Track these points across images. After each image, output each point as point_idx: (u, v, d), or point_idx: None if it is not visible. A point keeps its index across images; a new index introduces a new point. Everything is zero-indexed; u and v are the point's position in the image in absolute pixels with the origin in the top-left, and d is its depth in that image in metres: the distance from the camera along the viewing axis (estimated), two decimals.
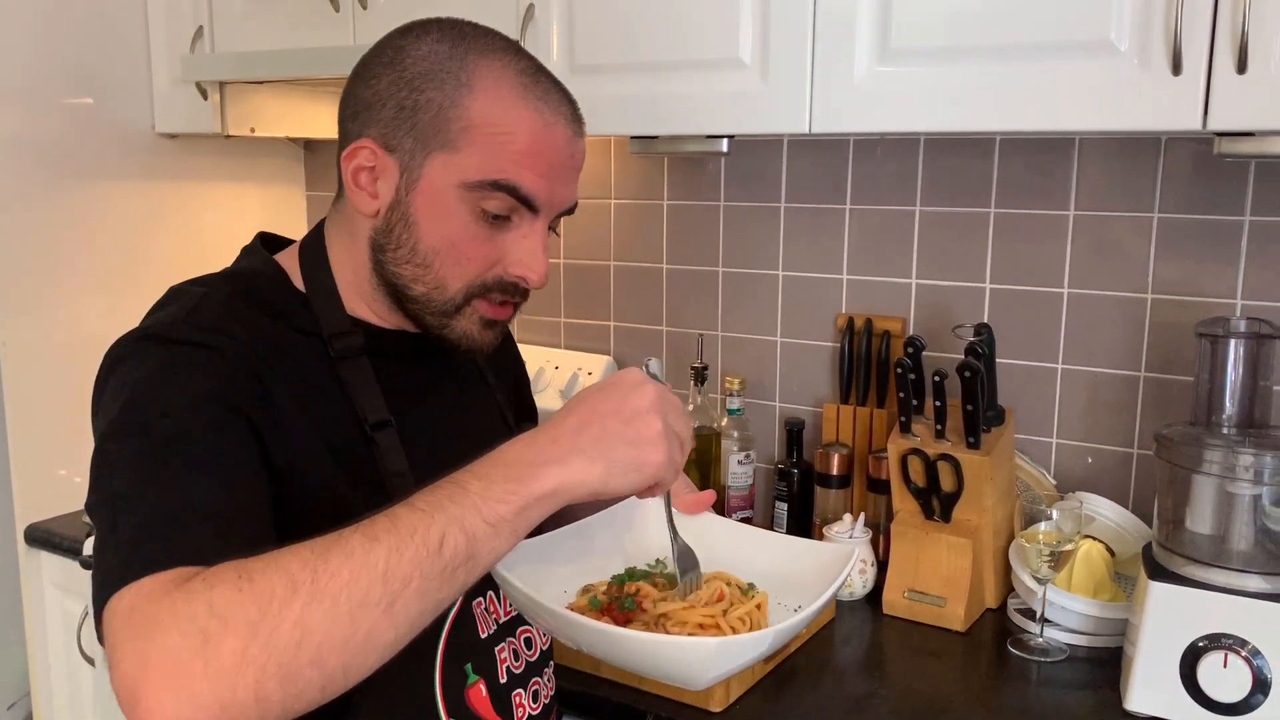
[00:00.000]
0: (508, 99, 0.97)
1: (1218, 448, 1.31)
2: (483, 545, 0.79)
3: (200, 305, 0.95)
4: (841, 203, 1.84)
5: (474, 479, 0.81)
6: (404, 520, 0.77)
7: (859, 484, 1.79)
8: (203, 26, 2.04)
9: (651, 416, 0.85)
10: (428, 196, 0.97)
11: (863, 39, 1.40)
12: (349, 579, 0.74)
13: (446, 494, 0.80)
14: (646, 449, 0.85)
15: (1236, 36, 1.16)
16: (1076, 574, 1.50)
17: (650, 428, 0.84)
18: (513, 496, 0.81)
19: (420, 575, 0.76)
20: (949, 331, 1.70)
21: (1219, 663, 1.24)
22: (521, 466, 0.82)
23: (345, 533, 0.77)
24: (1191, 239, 1.58)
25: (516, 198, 0.97)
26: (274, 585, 0.72)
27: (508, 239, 1.00)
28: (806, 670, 1.43)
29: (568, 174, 1.01)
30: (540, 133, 0.97)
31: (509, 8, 1.67)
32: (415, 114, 0.96)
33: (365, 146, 0.98)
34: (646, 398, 0.86)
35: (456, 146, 0.96)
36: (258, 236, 1.10)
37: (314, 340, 1.00)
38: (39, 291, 2.00)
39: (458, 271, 0.99)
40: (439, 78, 0.97)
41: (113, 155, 2.11)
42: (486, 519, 0.79)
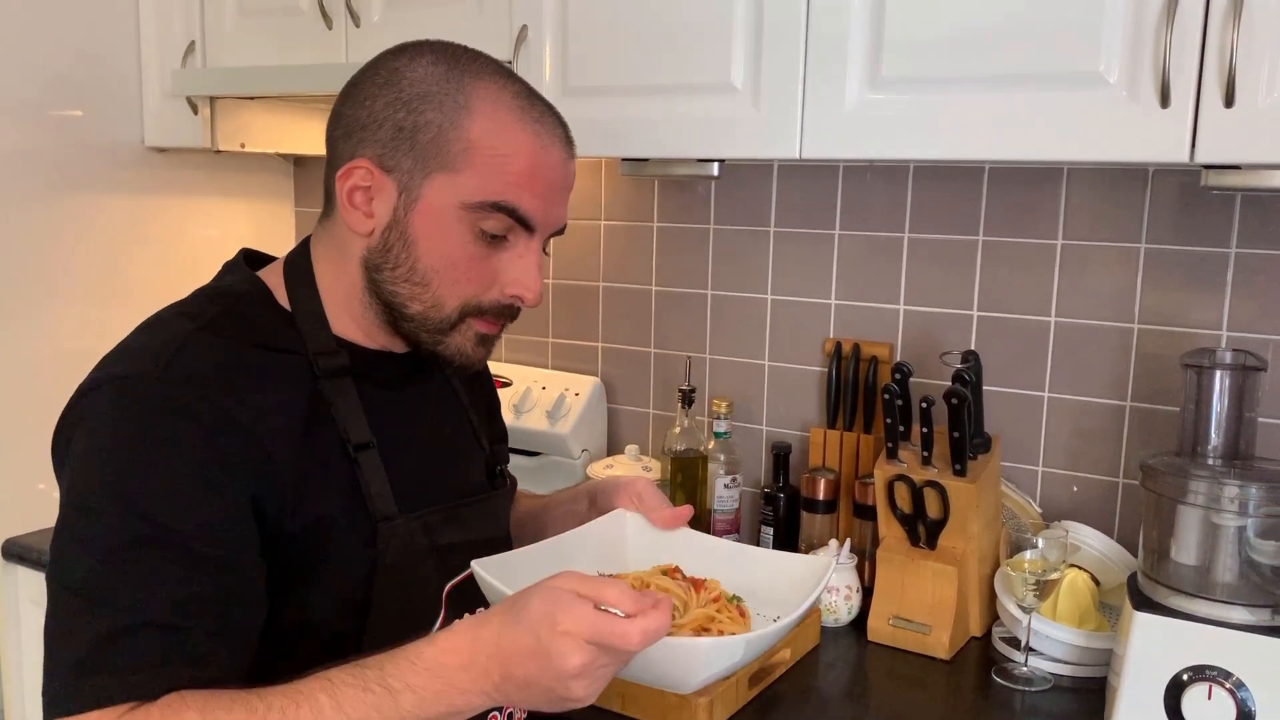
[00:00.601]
0: (505, 121, 0.98)
1: (1203, 478, 1.31)
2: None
3: (181, 350, 0.93)
4: (831, 228, 1.85)
5: (409, 693, 0.83)
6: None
7: (845, 509, 1.79)
8: (194, 41, 2.04)
9: (577, 681, 0.81)
10: (427, 217, 0.98)
11: (854, 66, 1.40)
12: None
13: (375, 703, 0.82)
14: (567, 703, 0.84)
15: (1224, 70, 1.17)
16: (1061, 603, 1.50)
17: (576, 691, 0.82)
18: (444, 715, 0.84)
19: None
20: (936, 358, 1.70)
21: (1203, 695, 1.23)
22: (455, 693, 0.83)
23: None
24: (1178, 270, 1.59)
25: (515, 218, 0.98)
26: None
27: (503, 259, 1.01)
28: (791, 696, 1.42)
29: (562, 195, 1.03)
30: (538, 154, 0.99)
31: (502, 29, 1.67)
32: (414, 135, 0.97)
33: (361, 166, 0.98)
34: (571, 665, 0.80)
35: (456, 168, 0.97)
36: (240, 253, 1.10)
37: (298, 359, 1.00)
38: (22, 304, 1.99)
39: (455, 290, 1.00)
40: (437, 99, 0.97)
41: (101, 168, 2.11)
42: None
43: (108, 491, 0.86)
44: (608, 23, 1.58)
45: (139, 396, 0.89)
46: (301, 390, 0.98)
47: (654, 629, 0.80)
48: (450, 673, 0.83)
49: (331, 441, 0.98)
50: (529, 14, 1.64)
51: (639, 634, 0.79)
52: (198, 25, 2.04)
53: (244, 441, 0.90)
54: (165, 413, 0.88)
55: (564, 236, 1.10)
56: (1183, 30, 1.19)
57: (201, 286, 1.06)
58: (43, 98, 2.00)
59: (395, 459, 1.03)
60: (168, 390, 0.89)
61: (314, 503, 0.95)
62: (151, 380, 0.90)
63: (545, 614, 0.81)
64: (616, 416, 2.11)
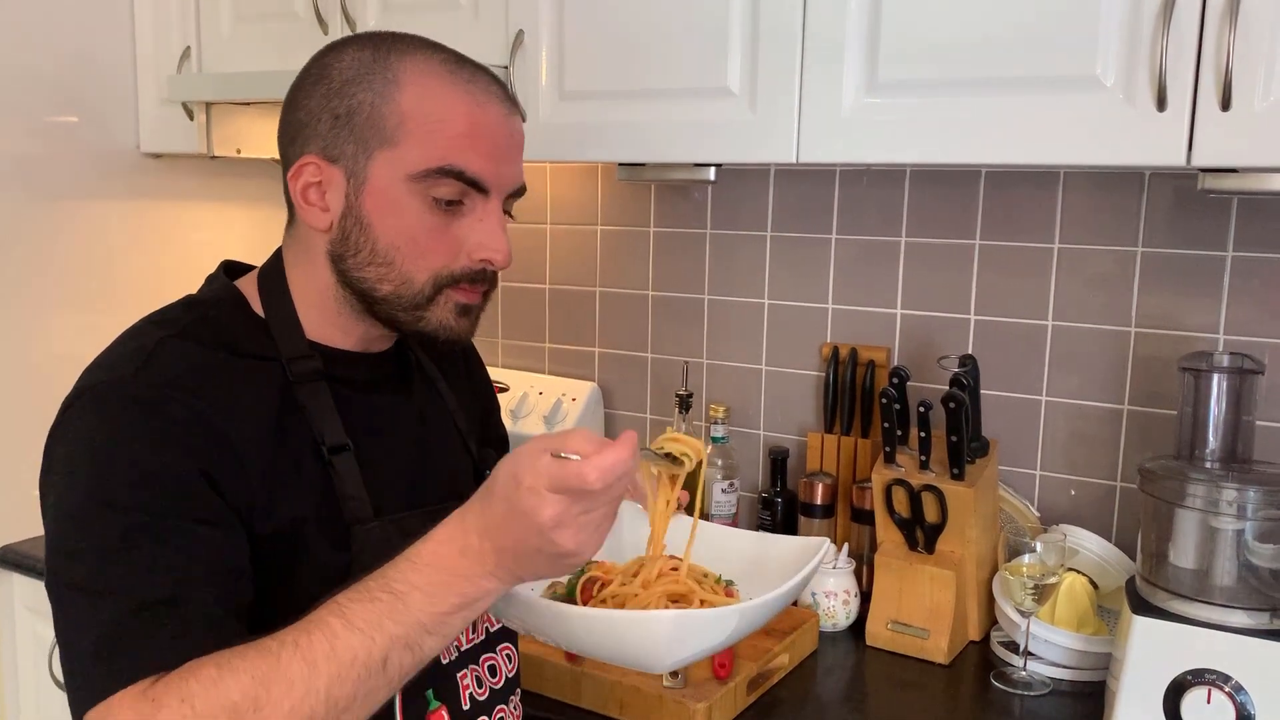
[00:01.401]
0: (435, 86, 0.98)
1: (1201, 482, 1.31)
2: (430, 650, 0.84)
3: (154, 355, 0.94)
4: (827, 232, 1.85)
5: (416, 592, 0.82)
6: (344, 643, 0.80)
7: (843, 514, 1.79)
8: (190, 47, 2.04)
9: (559, 532, 0.81)
10: (377, 196, 0.98)
11: (851, 70, 1.40)
12: (291, 708, 0.78)
13: (385, 609, 0.82)
14: (567, 559, 0.83)
15: (1221, 74, 1.17)
16: (1060, 607, 1.50)
17: (563, 543, 0.81)
18: (458, 607, 0.83)
19: (365, 692, 0.81)
20: (934, 362, 1.70)
21: (1203, 698, 1.23)
22: (460, 581, 0.83)
23: (285, 655, 0.80)
24: (1174, 273, 1.59)
25: (464, 181, 0.98)
26: (216, 715, 0.77)
27: (465, 225, 1.00)
28: (789, 701, 1.42)
29: (510, 152, 1.02)
30: (474, 113, 0.98)
31: (498, 34, 1.67)
32: (350, 119, 0.98)
33: (309, 163, 0.99)
34: (545, 517, 0.80)
35: (395, 141, 0.97)
36: (222, 265, 1.11)
37: (273, 365, 1.00)
38: (17, 309, 1.98)
39: (421, 264, 0.99)
40: (366, 80, 0.98)
41: (96, 174, 2.10)
42: (432, 630, 0.83)
43: (91, 498, 0.87)
44: (604, 27, 1.58)
45: (113, 400, 0.91)
46: (273, 395, 0.98)
47: (609, 464, 0.78)
48: (449, 561, 0.83)
49: (304, 445, 0.98)
50: (525, 19, 1.64)
51: (595, 471, 0.78)
52: (193, 31, 2.04)
53: (214, 440, 0.91)
54: (137, 411, 0.90)
55: (560, 241, 1.09)
56: (1179, 34, 1.20)
57: (183, 297, 1.06)
58: (38, 103, 1.99)
59: (373, 462, 1.02)
60: (141, 392, 0.91)
61: (285, 505, 0.95)
62: (126, 383, 0.92)
63: (509, 476, 0.81)
64: (614, 421, 2.11)
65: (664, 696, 1.32)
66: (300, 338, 1.02)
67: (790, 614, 1.58)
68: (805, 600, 1.63)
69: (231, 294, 1.05)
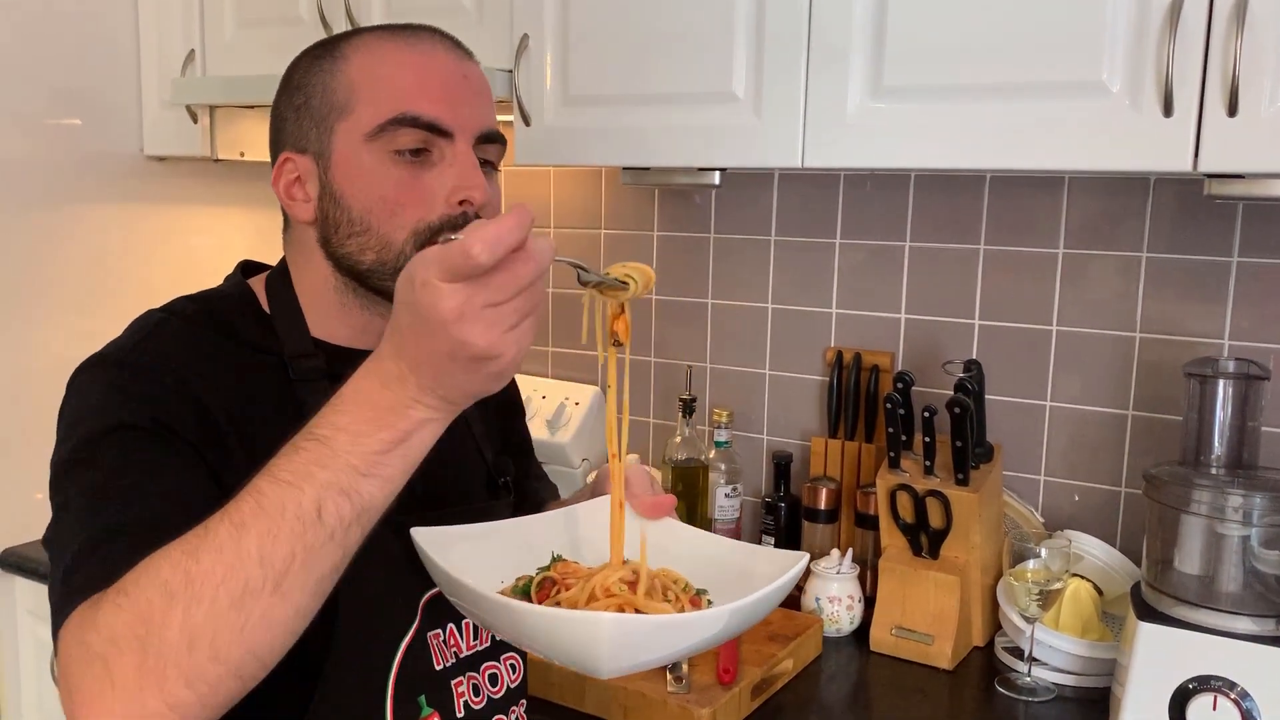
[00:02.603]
0: (379, 49, 0.99)
1: (1207, 488, 1.31)
2: (369, 498, 0.76)
3: (154, 332, 0.97)
4: (831, 237, 1.85)
5: (340, 433, 0.76)
6: (271, 498, 0.74)
7: (847, 519, 1.79)
8: (194, 50, 2.04)
9: (463, 327, 0.72)
10: (343, 166, 0.98)
11: (856, 75, 1.40)
12: (224, 575, 0.72)
13: (312, 457, 0.75)
14: (486, 364, 0.75)
15: (1227, 79, 1.17)
16: (1064, 613, 1.49)
17: (472, 340, 0.73)
18: (390, 443, 0.76)
19: (303, 549, 0.74)
20: (938, 367, 1.70)
21: (1208, 705, 1.23)
22: (386, 414, 0.76)
23: (212, 524, 0.75)
24: (1179, 279, 1.59)
25: (420, 126, 0.97)
26: (150, 597, 0.72)
27: (435, 173, 0.98)
28: (793, 706, 1.42)
29: (467, 95, 1.00)
30: (420, 61, 0.99)
31: (503, 38, 1.67)
32: (308, 105, 1.00)
33: (285, 159, 1.02)
34: (444, 309, 0.72)
35: (349, 109, 0.98)
36: (240, 264, 1.11)
37: (275, 362, 1.00)
38: (19, 312, 1.98)
39: (397, 222, 0.97)
40: (316, 67, 1.00)
41: (100, 177, 2.10)
42: (365, 471, 0.76)
43: (72, 455, 0.89)
44: (609, 31, 1.58)
45: (108, 367, 0.93)
46: (271, 388, 0.98)
47: (492, 234, 0.70)
48: (371, 395, 0.77)
49: None
50: (529, 23, 1.64)
51: (478, 243, 0.70)
52: (197, 34, 2.04)
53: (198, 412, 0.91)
54: (129, 374, 0.92)
55: (564, 245, 1.07)
56: (1185, 39, 1.19)
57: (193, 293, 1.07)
58: (42, 107, 1.99)
59: None
60: (135, 358, 0.93)
61: None
62: (120, 352, 0.95)
63: (406, 279, 0.75)
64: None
65: (668, 702, 1.32)
66: (304, 335, 1.02)
67: (794, 619, 1.58)
68: (809, 606, 1.63)
69: (242, 290, 1.06)
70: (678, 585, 0.95)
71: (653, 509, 1.04)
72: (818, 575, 1.63)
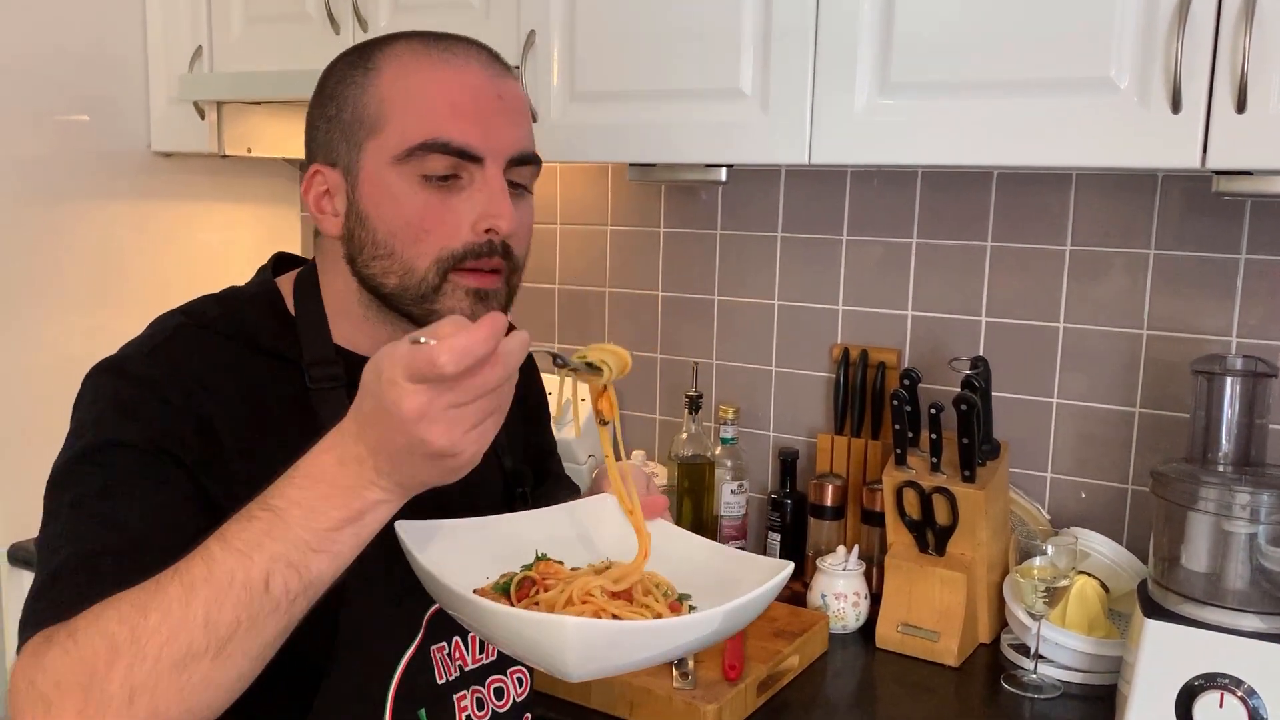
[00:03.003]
0: (410, 64, 0.96)
1: (1214, 485, 1.30)
2: (318, 572, 0.77)
3: (170, 339, 0.96)
4: (838, 233, 1.84)
5: (294, 507, 0.76)
6: (221, 565, 0.75)
7: (853, 516, 1.79)
8: (201, 46, 2.04)
9: (424, 426, 0.73)
10: (369, 186, 0.96)
11: (863, 71, 1.40)
12: (169, 635, 0.73)
13: (265, 527, 0.76)
14: (445, 461, 0.76)
15: (1236, 76, 1.17)
16: (1071, 610, 1.49)
17: (432, 440, 0.74)
18: (343, 522, 0.77)
19: (248, 617, 0.75)
20: (945, 364, 1.70)
21: (1215, 703, 1.23)
22: (341, 493, 0.77)
23: (164, 581, 0.75)
24: (1187, 276, 1.58)
25: (451, 152, 0.94)
26: (96, 648, 0.73)
27: (463, 199, 0.95)
28: (798, 703, 1.42)
29: (501, 114, 0.97)
30: (452, 80, 0.95)
31: (510, 34, 1.67)
32: (339, 119, 0.97)
33: (315, 172, 1.00)
34: (407, 409, 0.73)
35: (379, 128, 0.95)
36: (274, 257, 1.09)
37: (293, 370, 0.98)
38: (27, 309, 1.99)
39: (420, 249, 0.95)
40: (349, 78, 0.98)
41: (107, 173, 2.11)
42: (316, 547, 0.76)
43: (81, 456, 0.89)
44: (615, 27, 1.58)
45: (118, 374, 0.93)
46: (287, 396, 0.97)
47: (462, 346, 0.71)
48: (328, 472, 0.77)
49: None
50: (536, 19, 1.64)
51: (446, 354, 0.71)
52: (205, 30, 2.04)
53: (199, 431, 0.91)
54: (135, 386, 0.91)
55: (570, 242, 1.05)
56: (1194, 35, 1.19)
57: (225, 288, 1.06)
58: (50, 103, 2.00)
59: None
60: (145, 369, 0.92)
61: None
62: (133, 362, 0.94)
63: (373, 368, 0.75)
64: (623, 422, 2.11)
65: (674, 698, 1.32)
66: (326, 341, 1.01)
67: (800, 616, 1.58)
68: (815, 602, 1.63)
69: (268, 290, 1.04)
70: (659, 589, 0.94)
71: (644, 509, 1.03)
72: (824, 572, 1.63)
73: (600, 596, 0.89)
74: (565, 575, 0.95)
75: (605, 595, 0.90)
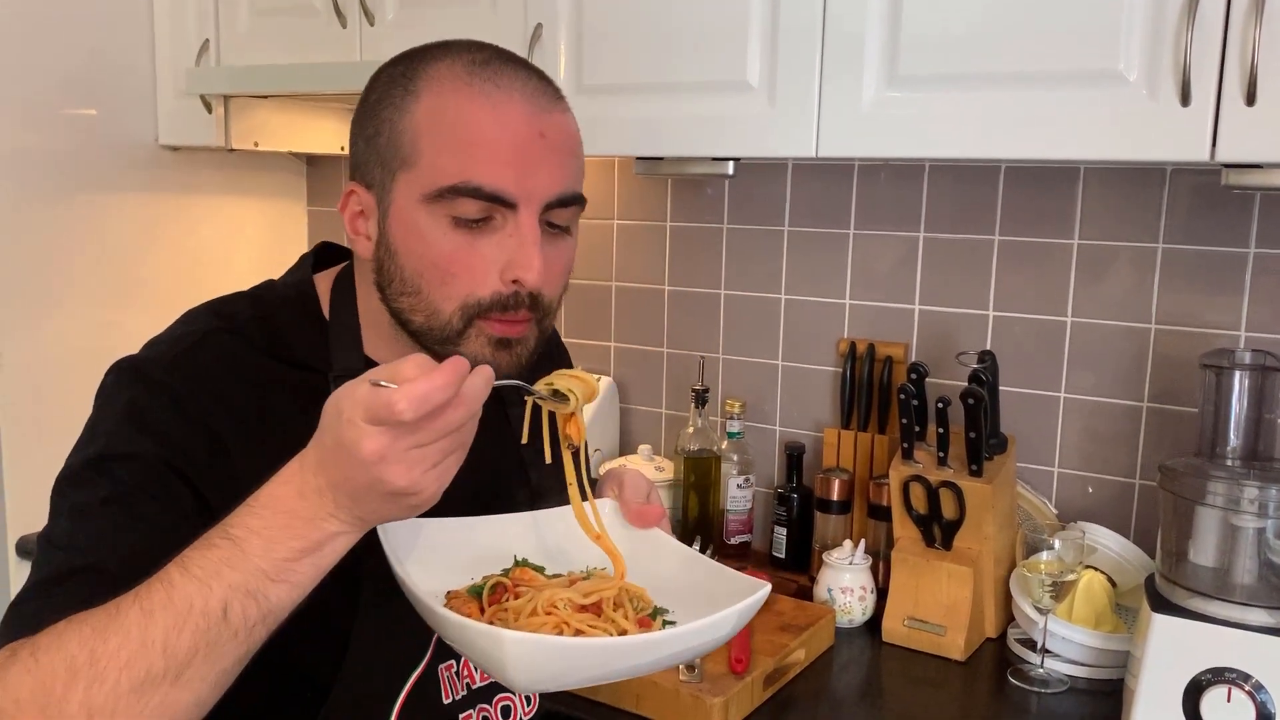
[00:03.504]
0: (449, 95, 0.90)
1: (1222, 480, 1.30)
2: (276, 601, 0.77)
3: (197, 346, 0.93)
4: (845, 227, 1.84)
5: (254, 537, 0.76)
6: (180, 591, 0.75)
7: (859, 510, 1.78)
8: (208, 40, 2.04)
9: (383, 467, 0.74)
10: (399, 221, 0.92)
11: (871, 64, 1.40)
12: (127, 659, 0.73)
13: (224, 556, 0.76)
14: (405, 499, 0.76)
15: (1246, 68, 1.16)
16: (1077, 605, 1.49)
17: (391, 480, 0.74)
18: (301, 552, 0.77)
19: (206, 644, 0.75)
20: (951, 358, 1.69)
21: (1223, 697, 1.22)
22: (300, 524, 0.77)
23: (124, 606, 0.75)
24: (1195, 270, 1.58)
25: (483, 197, 0.89)
26: (56, 669, 0.73)
27: (493, 242, 0.90)
28: (805, 697, 1.42)
29: (542, 155, 0.91)
30: (490, 117, 0.89)
31: (516, 27, 1.67)
32: (376, 141, 0.92)
33: (352, 191, 0.95)
34: (366, 451, 0.73)
35: (413, 161, 0.90)
36: (318, 246, 1.07)
37: (319, 379, 0.96)
38: (36, 303, 1.99)
39: (446, 292, 0.91)
40: (390, 96, 0.92)
41: (114, 167, 2.11)
42: (274, 577, 0.76)
43: (91, 462, 0.88)
44: (623, 21, 1.58)
45: (134, 379, 0.91)
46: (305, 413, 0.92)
47: (421, 393, 0.71)
48: (287, 503, 0.77)
49: None
50: (543, 12, 1.64)
51: (404, 400, 0.71)
52: (212, 24, 2.04)
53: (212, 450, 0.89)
54: (154, 395, 0.89)
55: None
56: (1204, 27, 1.19)
57: (262, 282, 1.04)
58: (56, 97, 2.00)
59: None
60: (165, 377, 0.90)
61: None
62: (153, 365, 0.92)
63: (334, 407, 0.76)
64: (629, 416, 2.11)
65: (680, 691, 1.32)
66: (356, 351, 0.98)
67: (806, 610, 1.58)
68: (821, 596, 1.63)
69: (304, 293, 1.01)
70: (635, 603, 0.92)
71: (638, 517, 1.01)
72: (830, 566, 1.63)
73: (564, 610, 0.88)
74: (539, 584, 0.94)
75: (571, 608, 0.89)
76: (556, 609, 0.88)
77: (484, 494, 1.02)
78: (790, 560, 1.83)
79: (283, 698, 0.82)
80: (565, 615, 0.88)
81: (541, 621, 0.87)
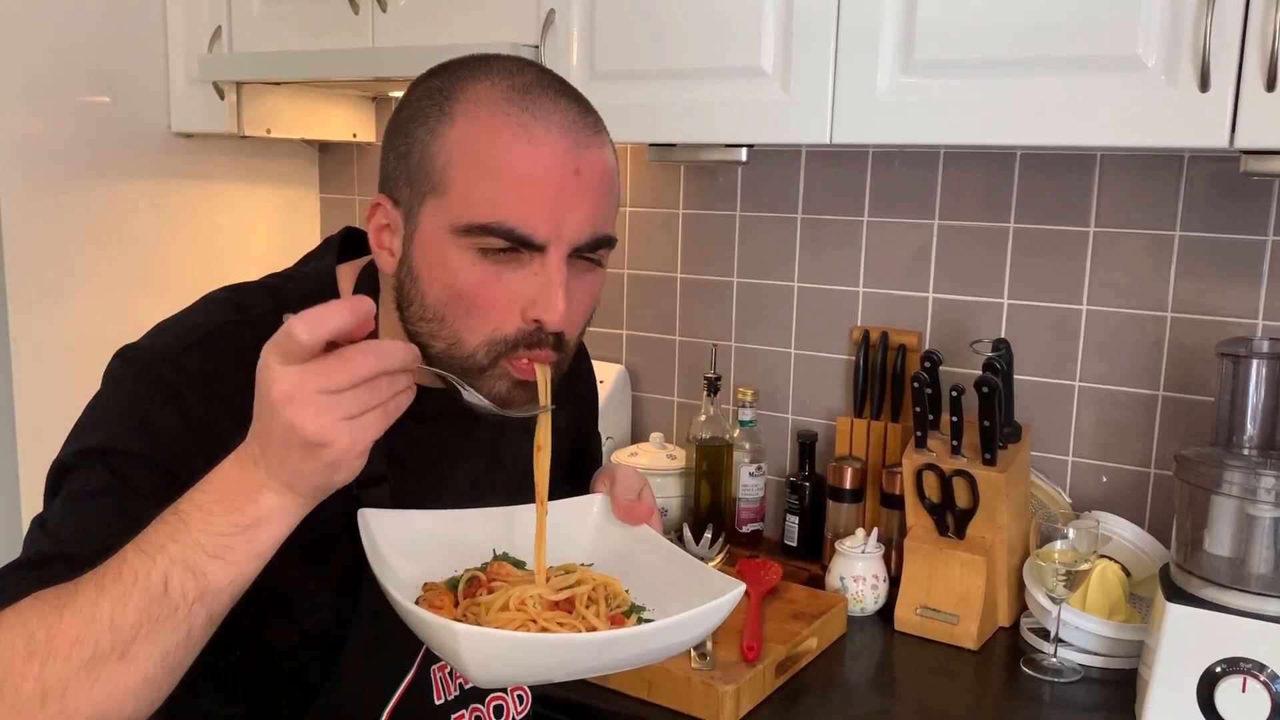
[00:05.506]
0: (485, 120, 0.87)
1: (1238, 469, 1.29)
2: (214, 579, 0.76)
3: (207, 340, 0.92)
4: (859, 215, 1.83)
5: (196, 511, 0.76)
6: (129, 565, 0.75)
7: (872, 499, 1.78)
8: (221, 26, 2.04)
9: (292, 409, 0.73)
10: (425, 247, 0.89)
11: (886, 50, 1.39)
12: (78, 635, 0.74)
13: (169, 530, 0.76)
14: (318, 452, 0.74)
15: (1266, 53, 1.15)
16: (1091, 594, 1.48)
17: (301, 425, 0.73)
18: (237, 526, 0.76)
19: (149, 620, 0.74)
20: (966, 346, 1.69)
21: (1237, 687, 1.22)
22: (233, 492, 0.77)
23: (82, 583, 0.76)
24: (1213, 258, 1.57)
25: (512, 239, 0.86)
26: (15, 643, 0.74)
27: (519, 276, 0.88)
28: (817, 685, 1.42)
29: (576, 196, 0.88)
30: (527, 152, 0.86)
31: (529, 13, 1.66)
32: (407, 158, 0.90)
33: (379, 203, 0.93)
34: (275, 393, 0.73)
35: (442, 189, 0.88)
36: (341, 233, 1.05)
37: None
38: (51, 290, 2.00)
39: (471, 323, 0.89)
40: (424, 113, 0.89)
41: (127, 154, 2.11)
42: (211, 552, 0.75)
43: (91, 451, 0.87)
44: (636, 6, 1.57)
45: (141, 372, 0.90)
46: None
47: (316, 314, 0.72)
48: (229, 474, 0.77)
49: None
50: None
51: (299, 321, 0.71)
52: (224, 10, 2.04)
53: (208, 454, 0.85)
54: (155, 389, 0.88)
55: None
56: (1223, 13, 1.17)
57: (286, 269, 1.02)
58: (69, 84, 2.00)
59: (413, 497, 0.96)
60: (171, 374, 0.89)
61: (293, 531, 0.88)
62: (160, 359, 0.90)
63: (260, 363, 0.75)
64: (641, 404, 2.11)
65: (692, 679, 1.32)
66: None
67: (819, 598, 1.57)
68: (834, 585, 1.62)
69: (326, 285, 0.99)
70: (611, 601, 0.92)
71: (627, 513, 1.01)
72: (842, 555, 1.63)
73: (533, 606, 0.88)
74: (514, 579, 0.94)
75: (543, 604, 0.89)
76: (526, 606, 0.88)
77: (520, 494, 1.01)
78: (802, 549, 1.83)
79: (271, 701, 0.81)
80: (534, 612, 0.88)
81: (510, 617, 0.88)
